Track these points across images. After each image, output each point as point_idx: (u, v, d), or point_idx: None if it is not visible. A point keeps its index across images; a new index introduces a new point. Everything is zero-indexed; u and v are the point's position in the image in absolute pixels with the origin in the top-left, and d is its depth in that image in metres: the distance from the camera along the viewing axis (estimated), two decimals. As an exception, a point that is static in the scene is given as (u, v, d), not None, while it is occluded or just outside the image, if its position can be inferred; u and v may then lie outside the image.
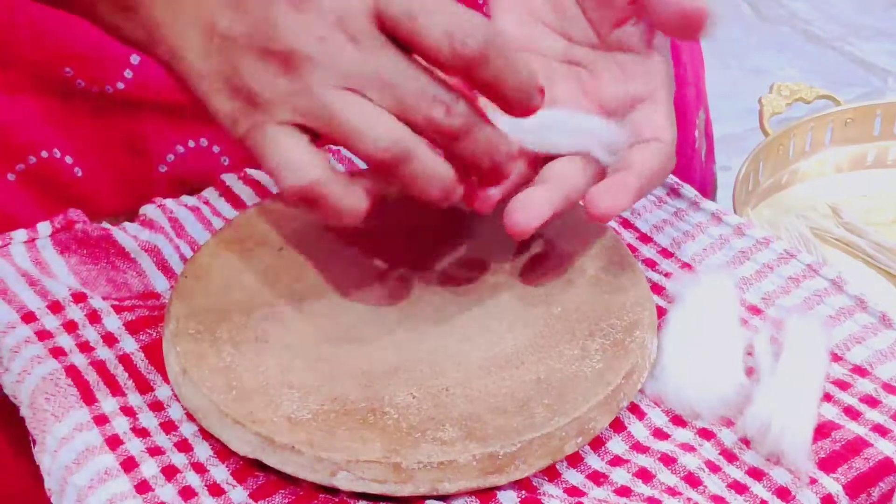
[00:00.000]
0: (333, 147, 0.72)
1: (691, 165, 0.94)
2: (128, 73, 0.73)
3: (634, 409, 0.60)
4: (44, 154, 0.73)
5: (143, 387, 0.61)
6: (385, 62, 0.53)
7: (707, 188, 0.99)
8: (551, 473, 0.57)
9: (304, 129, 0.53)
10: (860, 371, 0.62)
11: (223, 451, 0.57)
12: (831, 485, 0.56)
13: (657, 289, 0.67)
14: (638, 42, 0.63)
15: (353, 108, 0.53)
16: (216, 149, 0.76)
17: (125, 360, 0.62)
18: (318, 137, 0.54)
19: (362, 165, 0.61)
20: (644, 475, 0.57)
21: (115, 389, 0.61)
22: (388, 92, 0.53)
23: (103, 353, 0.63)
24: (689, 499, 0.56)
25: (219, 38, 0.54)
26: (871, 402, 0.60)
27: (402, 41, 0.54)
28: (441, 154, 0.55)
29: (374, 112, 0.53)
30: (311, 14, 0.53)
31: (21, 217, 0.71)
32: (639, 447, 0.59)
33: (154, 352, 0.62)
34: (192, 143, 0.76)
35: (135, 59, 0.73)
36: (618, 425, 0.60)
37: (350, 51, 0.53)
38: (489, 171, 0.57)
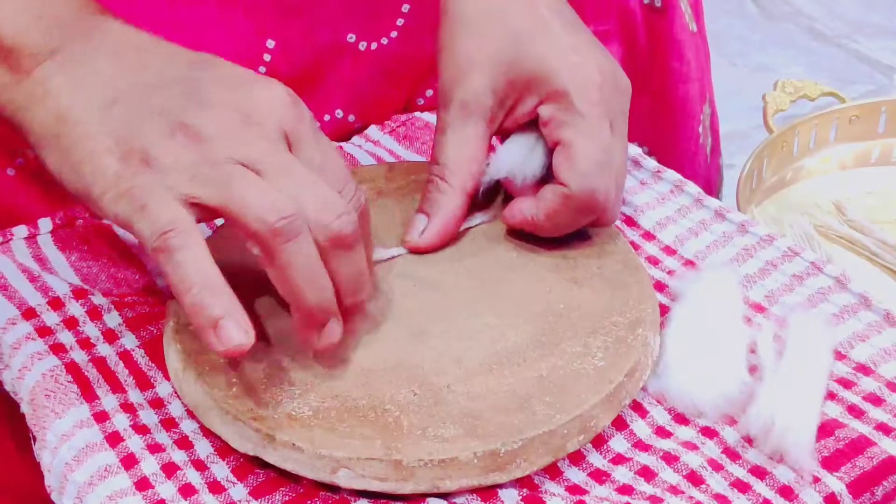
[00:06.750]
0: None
1: (695, 161, 0.94)
2: None
3: (637, 406, 0.60)
4: None
5: (144, 384, 0.61)
6: (290, 159, 0.55)
7: (712, 184, 0.98)
8: (553, 471, 0.57)
9: (191, 205, 0.54)
10: (864, 369, 0.62)
11: (223, 449, 0.57)
12: (835, 483, 0.56)
13: (660, 286, 0.66)
14: None
15: (248, 183, 0.54)
16: None
17: (126, 356, 0.62)
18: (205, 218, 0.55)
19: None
20: (646, 473, 0.57)
21: (116, 386, 0.60)
22: (286, 179, 0.55)
23: (104, 349, 0.62)
24: (691, 497, 0.56)
25: (122, 104, 0.56)
26: (875, 400, 0.60)
27: None
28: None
29: (268, 188, 0.54)
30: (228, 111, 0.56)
31: (21, 211, 0.71)
32: (641, 445, 0.59)
33: (154, 348, 0.62)
34: None
35: None
36: (620, 423, 0.59)
37: (258, 141, 0.55)
38: (349, 288, 0.57)
